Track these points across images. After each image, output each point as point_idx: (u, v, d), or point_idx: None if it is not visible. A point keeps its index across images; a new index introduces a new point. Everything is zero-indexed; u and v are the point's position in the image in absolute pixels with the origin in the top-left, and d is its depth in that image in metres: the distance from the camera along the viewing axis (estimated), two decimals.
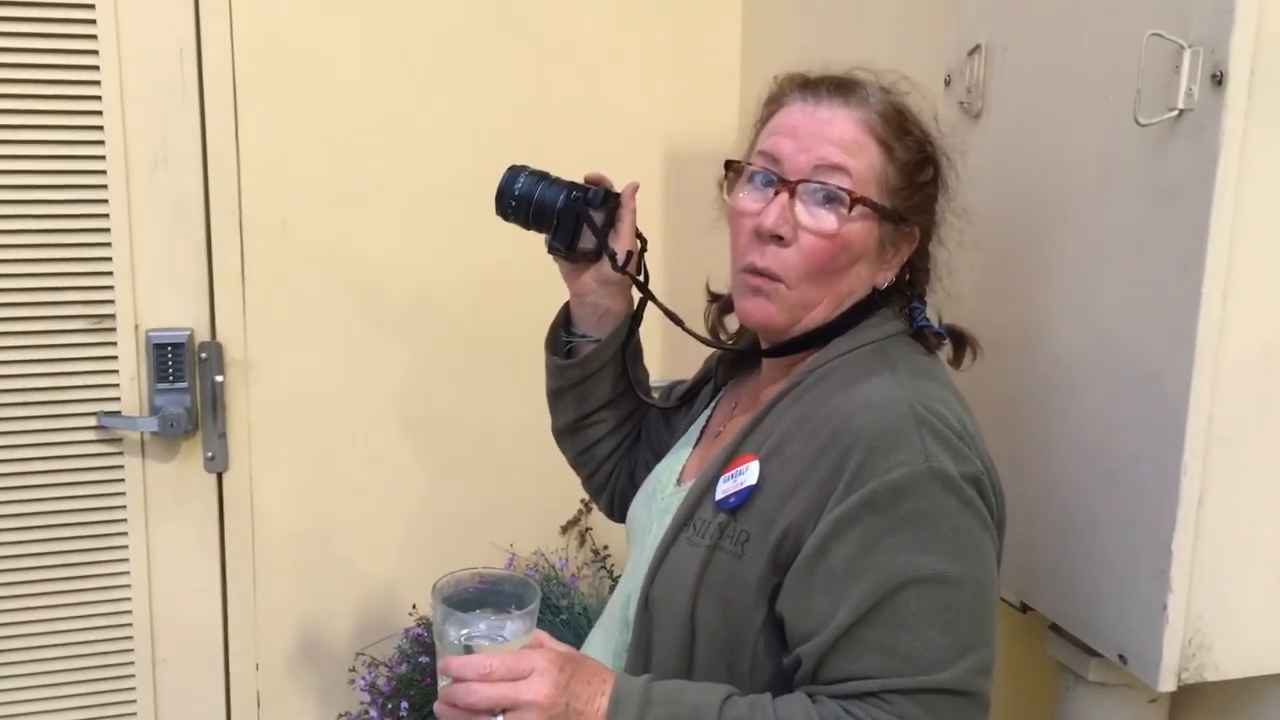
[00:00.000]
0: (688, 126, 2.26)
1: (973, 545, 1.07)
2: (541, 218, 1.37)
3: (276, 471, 2.15)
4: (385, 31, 2.09)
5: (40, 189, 1.94)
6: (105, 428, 2.03)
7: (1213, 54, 1.09)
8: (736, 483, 1.15)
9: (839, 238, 1.15)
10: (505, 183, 1.39)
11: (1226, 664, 1.21)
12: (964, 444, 1.09)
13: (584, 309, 1.43)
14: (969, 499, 1.07)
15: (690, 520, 1.18)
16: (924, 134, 1.20)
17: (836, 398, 1.13)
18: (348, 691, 2.21)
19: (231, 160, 2.04)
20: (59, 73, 1.92)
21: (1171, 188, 1.15)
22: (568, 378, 1.45)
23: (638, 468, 1.50)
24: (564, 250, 1.38)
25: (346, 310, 2.14)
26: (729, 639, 1.13)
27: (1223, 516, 1.17)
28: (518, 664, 1.02)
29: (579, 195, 1.36)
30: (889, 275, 1.22)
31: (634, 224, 1.38)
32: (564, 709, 1.03)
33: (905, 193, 1.18)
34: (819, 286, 1.17)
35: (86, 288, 1.99)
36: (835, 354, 1.19)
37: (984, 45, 1.47)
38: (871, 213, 1.16)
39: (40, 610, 2.04)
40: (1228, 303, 1.12)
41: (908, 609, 1.04)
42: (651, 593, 1.18)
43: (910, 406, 1.08)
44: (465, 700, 1.01)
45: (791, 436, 1.14)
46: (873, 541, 1.05)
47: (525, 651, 1.05)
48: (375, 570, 2.23)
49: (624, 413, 1.50)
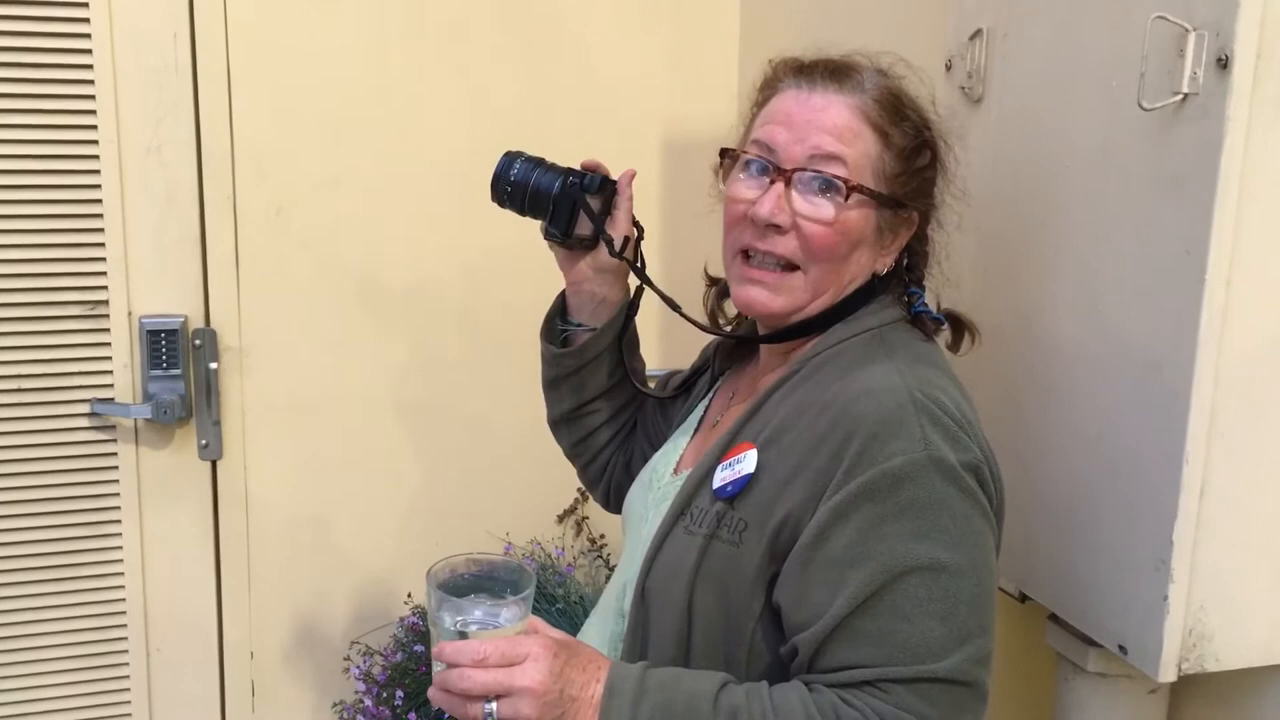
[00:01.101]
0: (686, 113, 2.24)
1: (972, 534, 1.07)
2: (537, 204, 1.36)
3: (271, 459, 2.14)
4: (381, 19, 2.07)
5: (34, 174, 1.93)
6: (99, 414, 2.01)
7: (1218, 37, 1.07)
8: (734, 471, 1.14)
9: (837, 225, 1.14)
10: (501, 169, 1.38)
11: (1227, 655, 1.21)
12: (963, 432, 1.09)
13: (580, 298, 1.42)
14: (968, 488, 1.06)
15: (687, 509, 1.17)
16: (921, 119, 1.19)
17: (835, 385, 1.12)
18: (343, 680, 2.21)
19: (225, 147, 2.03)
20: (52, 56, 1.90)
21: (1175, 173, 1.14)
22: (564, 366, 1.44)
23: (634, 458, 1.49)
24: (560, 236, 1.37)
25: (341, 297, 2.13)
26: (726, 628, 1.13)
27: (1224, 507, 1.17)
28: (512, 649, 1.02)
29: (575, 181, 1.35)
30: (888, 260, 1.21)
31: (630, 211, 1.37)
32: (558, 695, 1.02)
33: (903, 178, 1.17)
34: (826, 272, 1.17)
35: (80, 274, 1.98)
36: (834, 340, 1.18)
37: (985, 30, 1.45)
38: (869, 200, 1.15)
39: (33, 598, 2.03)
40: (1231, 290, 1.11)
41: (906, 598, 1.03)
42: (648, 582, 1.18)
43: (910, 394, 1.08)
44: (459, 686, 1.01)
45: (790, 424, 1.13)
46: (871, 529, 1.04)
47: (520, 637, 1.04)
48: (370, 558, 2.22)
49: (620, 402, 1.49)
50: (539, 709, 1.01)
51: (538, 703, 1.01)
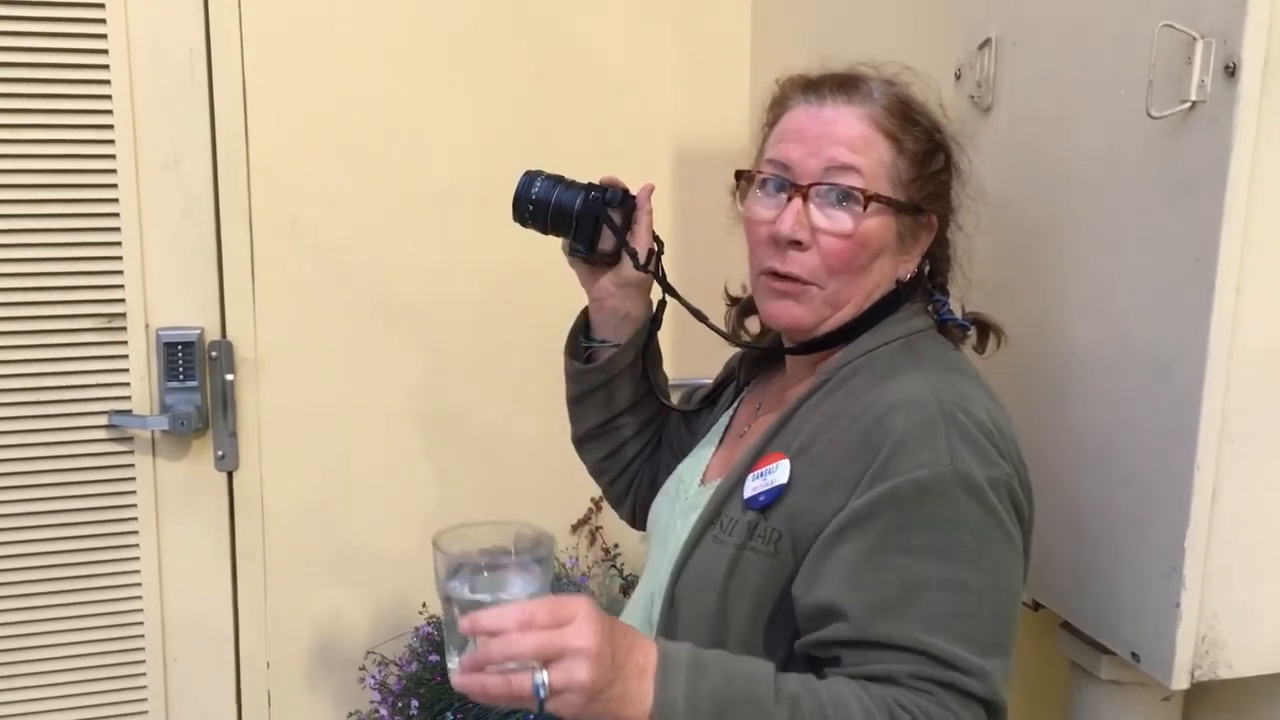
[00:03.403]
0: (698, 127, 2.25)
1: (993, 553, 1.06)
2: (560, 221, 1.36)
3: (287, 470, 2.15)
4: (395, 31, 2.08)
5: (51, 189, 1.94)
6: (116, 426, 2.03)
7: (1225, 45, 1.08)
8: (766, 481, 1.14)
9: (857, 236, 1.14)
10: (522, 188, 1.37)
11: (1240, 662, 1.20)
12: (993, 445, 1.08)
13: (603, 314, 1.42)
14: (991, 505, 1.05)
15: (717, 518, 1.17)
16: (931, 122, 1.19)
17: (867, 395, 1.12)
18: (358, 690, 2.21)
19: (241, 160, 2.04)
20: (69, 72, 1.92)
21: (1184, 181, 1.14)
22: (589, 383, 1.44)
23: (659, 473, 1.48)
24: (585, 251, 1.37)
25: (356, 309, 2.14)
26: (762, 642, 1.12)
27: (1237, 512, 1.16)
28: (560, 609, 0.91)
29: (598, 196, 1.35)
30: (910, 266, 1.21)
31: (650, 225, 1.37)
32: (610, 659, 0.92)
33: (919, 183, 1.17)
34: (847, 284, 1.17)
35: (97, 287, 1.99)
36: (862, 350, 1.18)
37: (994, 39, 1.46)
38: (887, 208, 1.15)
39: (51, 609, 2.04)
40: (1241, 297, 1.11)
41: (931, 612, 1.02)
42: (677, 589, 1.17)
43: (940, 406, 1.07)
44: (505, 653, 0.89)
45: (820, 434, 1.13)
46: (892, 537, 1.03)
47: (565, 596, 0.93)
48: (385, 569, 2.23)
49: (645, 417, 1.49)
50: (594, 673, 0.90)
51: (594, 667, 0.90)
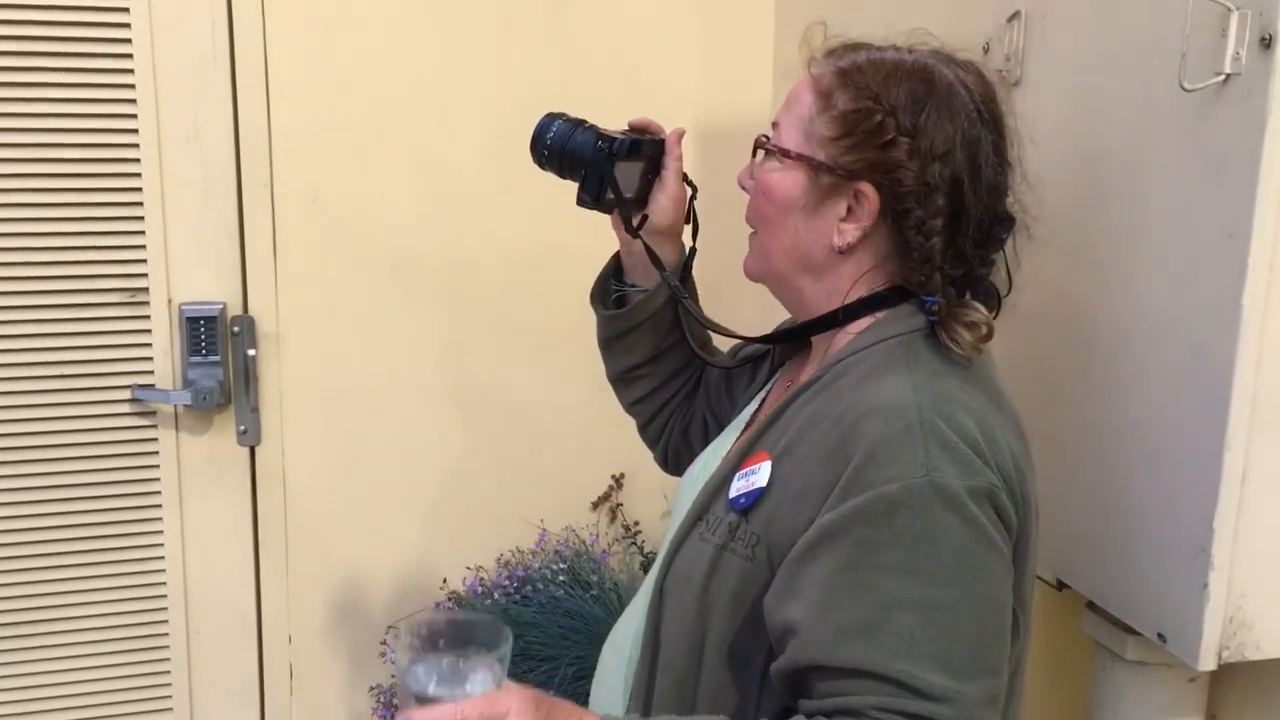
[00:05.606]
0: (721, 105, 2.23)
1: (973, 569, 0.99)
2: (571, 167, 1.33)
3: (309, 445, 2.16)
4: (417, 5, 2.07)
5: (74, 163, 1.95)
6: (139, 401, 2.04)
7: (1261, 16, 1.05)
8: (749, 482, 1.11)
9: (759, 185, 1.18)
10: (540, 129, 1.35)
11: (1268, 643, 1.19)
12: (977, 454, 1.01)
13: (633, 258, 1.41)
14: (971, 517, 0.99)
15: (705, 515, 1.15)
16: (875, 90, 1.09)
17: (849, 396, 1.07)
18: (379, 664, 2.23)
19: (263, 134, 2.04)
20: (91, 46, 1.92)
21: (1217, 155, 1.12)
22: (613, 328, 1.43)
23: (693, 422, 1.46)
24: (590, 202, 1.33)
25: (378, 283, 2.14)
26: (741, 652, 1.09)
27: (1266, 493, 1.15)
28: (490, 708, 0.94)
29: (604, 146, 1.31)
30: (848, 238, 1.12)
31: (679, 170, 1.36)
32: None
33: (842, 143, 1.10)
34: (766, 235, 1.19)
35: (121, 261, 2.00)
36: (859, 347, 1.12)
37: (1023, 11, 1.44)
38: (793, 162, 1.13)
39: (75, 582, 2.06)
40: (1274, 274, 1.09)
41: (899, 637, 0.96)
42: (665, 583, 1.16)
43: (920, 413, 1.01)
44: None
45: (804, 436, 1.09)
46: (862, 557, 0.98)
47: (497, 694, 0.97)
48: (407, 543, 2.24)
49: (674, 367, 1.46)
50: None
51: None
